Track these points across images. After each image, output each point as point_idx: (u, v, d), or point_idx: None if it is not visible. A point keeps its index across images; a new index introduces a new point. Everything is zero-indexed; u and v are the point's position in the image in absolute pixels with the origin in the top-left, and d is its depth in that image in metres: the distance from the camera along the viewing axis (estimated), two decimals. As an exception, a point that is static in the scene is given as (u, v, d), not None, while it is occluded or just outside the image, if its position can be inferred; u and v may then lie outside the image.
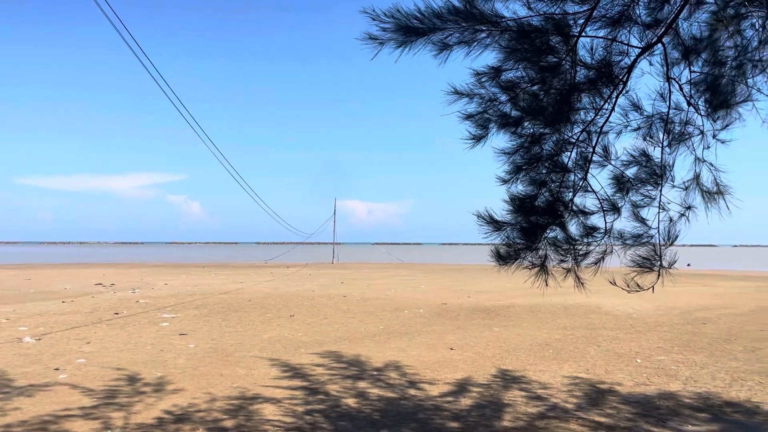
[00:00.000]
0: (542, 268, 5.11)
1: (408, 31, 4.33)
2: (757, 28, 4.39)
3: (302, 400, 7.94)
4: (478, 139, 5.04)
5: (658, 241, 4.89)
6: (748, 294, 25.08)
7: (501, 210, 5.12)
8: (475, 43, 4.47)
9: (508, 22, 4.45)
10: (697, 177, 4.96)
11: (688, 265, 54.38)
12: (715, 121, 4.80)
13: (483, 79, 4.88)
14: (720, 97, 4.51)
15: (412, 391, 8.45)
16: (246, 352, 11.43)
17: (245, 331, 14.17)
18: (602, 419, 7.13)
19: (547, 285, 5.12)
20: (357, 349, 11.85)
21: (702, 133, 4.90)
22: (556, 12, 4.49)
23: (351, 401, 7.91)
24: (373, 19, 4.42)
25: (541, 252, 5.11)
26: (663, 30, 4.54)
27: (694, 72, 4.75)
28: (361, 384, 8.86)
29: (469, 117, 5.05)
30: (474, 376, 9.39)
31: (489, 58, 4.77)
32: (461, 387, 8.72)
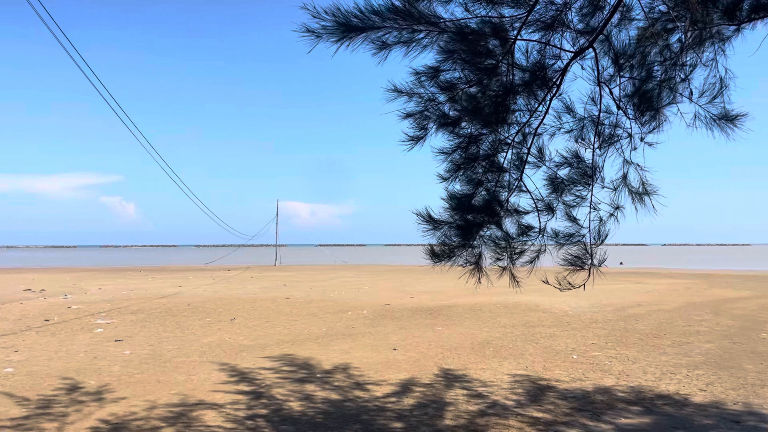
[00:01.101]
0: (477, 266, 5.21)
1: (347, 28, 4.33)
2: (682, 40, 4.61)
3: (245, 405, 7.80)
4: (416, 140, 5.10)
5: (589, 240, 5.06)
6: (676, 291, 26.28)
7: (440, 209, 5.20)
8: (414, 44, 4.52)
9: (447, 23, 4.52)
10: (625, 177, 5.17)
11: (621, 263, 56.51)
12: (642, 125, 5.02)
13: (422, 79, 4.94)
14: (647, 102, 4.71)
15: (357, 393, 8.44)
16: (185, 357, 11.14)
17: (184, 336, 13.81)
18: (540, 415, 7.31)
19: (480, 283, 5.22)
20: (301, 351, 11.75)
21: (630, 135, 5.11)
22: (494, 15, 4.59)
23: (295, 404, 7.83)
24: (314, 17, 4.41)
25: (476, 250, 5.21)
26: (594, 36, 4.71)
27: (623, 77, 4.95)
28: (305, 387, 8.79)
29: (408, 116, 5.10)
30: (417, 376, 9.46)
31: (428, 58, 4.83)
32: (405, 387, 8.77)
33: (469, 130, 5.13)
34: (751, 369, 9.84)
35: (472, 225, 5.08)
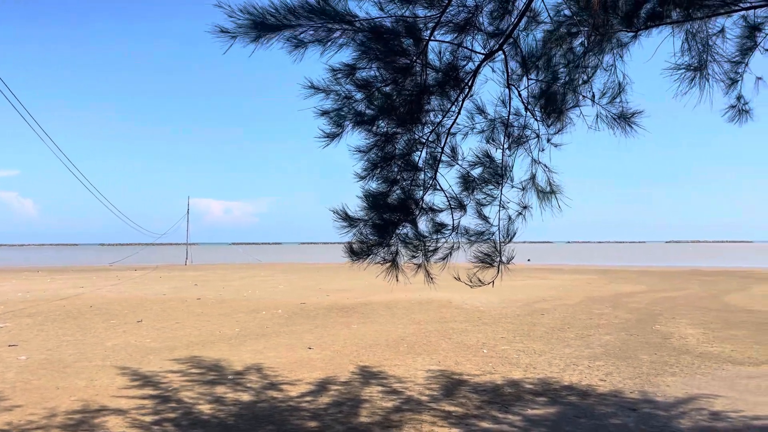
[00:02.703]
0: (393, 263, 5.26)
1: (263, 27, 4.24)
2: (584, 44, 4.85)
3: (151, 410, 7.49)
4: (332, 137, 5.08)
5: (498, 238, 5.24)
6: (579, 286, 27.70)
7: (357, 207, 5.21)
8: (330, 42, 4.50)
9: (362, 22, 4.52)
10: (533, 177, 5.39)
11: (528, 260, 58.88)
12: (549, 126, 5.25)
13: (338, 76, 4.92)
14: (552, 104, 4.93)
15: (271, 393, 8.31)
16: (87, 362, 10.56)
17: (86, 339, 13.09)
18: (453, 408, 7.49)
19: (397, 280, 5.28)
20: (212, 353, 11.43)
21: (538, 136, 5.34)
22: (407, 15, 4.64)
23: (205, 407, 7.60)
24: (230, 16, 4.31)
25: (393, 248, 5.26)
26: (503, 39, 4.87)
27: (531, 80, 5.15)
28: (217, 389, 8.56)
29: (325, 113, 5.07)
30: (332, 375, 9.44)
31: (345, 57, 4.82)
32: (320, 386, 8.73)
33: (385, 129, 5.16)
34: (645, 359, 10.52)
35: (388, 223, 5.13)
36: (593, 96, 5.13)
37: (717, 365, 9.96)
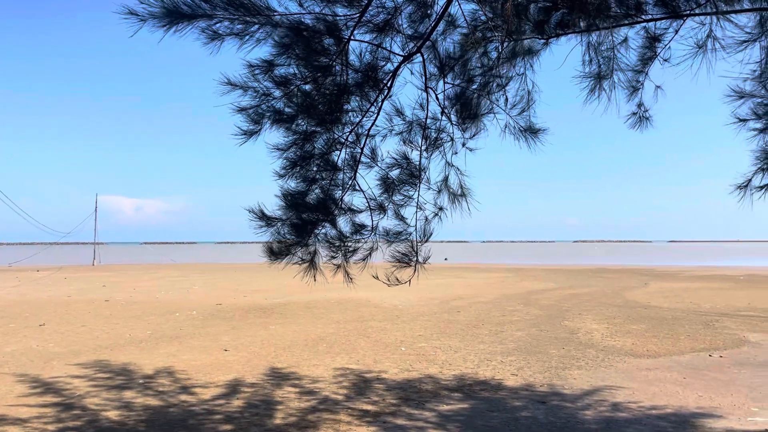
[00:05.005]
0: (312, 263, 5.24)
1: (175, 14, 4.08)
2: (498, 49, 5.02)
3: (54, 418, 7.07)
4: (250, 134, 4.98)
5: (415, 238, 5.32)
6: (493, 284, 28.61)
7: (275, 206, 5.13)
8: (248, 36, 4.40)
9: (282, 17, 4.46)
10: (446, 180, 5.52)
11: (445, 259, 60.20)
12: (464, 131, 5.39)
13: (256, 72, 4.83)
14: (468, 109, 5.07)
15: (184, 397, 8.05)
16: (-20, 369, 9.83)
17: (-20, 345, 12.18)
18: (369, 407, 7.53)
19: (315, 280, 5.26)
20: (121, 357, 10.93)
21: (452, 140, 5.47)
22: (327, 13, 4.62)
23: (113, 414, 7.26)
24: (141, 2, 4.11)
25: (311, 248, 5.23)
26: (421, 42, 4.95)
27: (448, 84, 5.27)
28: (126, 394, 8.19)
29: (242, 110, 4.96)
30: (248, 376, 9.27)
31: (264, 52, 4.73)
32: (235, 388, 8.54)
33: (304, 128, 5.12)
34: (555, 353, 11.00)
35: (307, 223, 5.09)
36: (506, 101, 5.31)
37: (619, 358, 10.57)
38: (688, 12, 4.96)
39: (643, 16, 5.11)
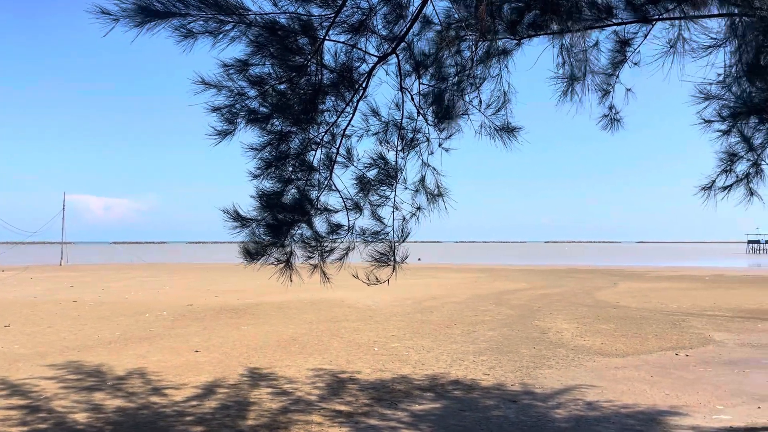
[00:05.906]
0: (287, 264, 5.21)
1: (148, 12, 4.03)
2: (472, 49, 5.06)
3: (18, 421, 6.91)
4: (224, 134, 4.94)
5: (392, 238, 5.34)
6: (465, 284, 28.80)
7: (250, 206, 5.10)
8: (222, 35, 4.36)
9: (256, 16, 4.43)
10: (422, 180, 5.55)
11: (419, 259, 60.36)
12: (440, 131, 5.42)
13: (231, 72, 4.79)
14: (444, 109, 5.10)
15: (154, 399, 7.93)
16: (-58, 372, 9.56)
17: (-59, 347, 11.85)
18: (342, 407, 7.52)
19: (291, 281, 5.24)
20: (90, 358, 10.73)
21: (428, 140, 5.49)
22: (302, 12, 4.61)
23: (80, 416, 7.12)
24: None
25: (287, 248, 5.21)
26: (396, 42, 4.97)
27: (423, 84, 5.29)
28: (95, 396, 8.04)
29: (216, 109, 4.91)
30: (220, 378, 9.18)
31: (238, 51, 4.69)
32: (206, 390, 8.45)
33: (279, 127, 5.09)
34: (526, 353, 11.13)
35: (282, 223, 5.06)
36: (480, 102, 5.36)
37: (589, 357, 10.73)
38: (657, 17, 5.06)
39: (614, 20, 5.20)
